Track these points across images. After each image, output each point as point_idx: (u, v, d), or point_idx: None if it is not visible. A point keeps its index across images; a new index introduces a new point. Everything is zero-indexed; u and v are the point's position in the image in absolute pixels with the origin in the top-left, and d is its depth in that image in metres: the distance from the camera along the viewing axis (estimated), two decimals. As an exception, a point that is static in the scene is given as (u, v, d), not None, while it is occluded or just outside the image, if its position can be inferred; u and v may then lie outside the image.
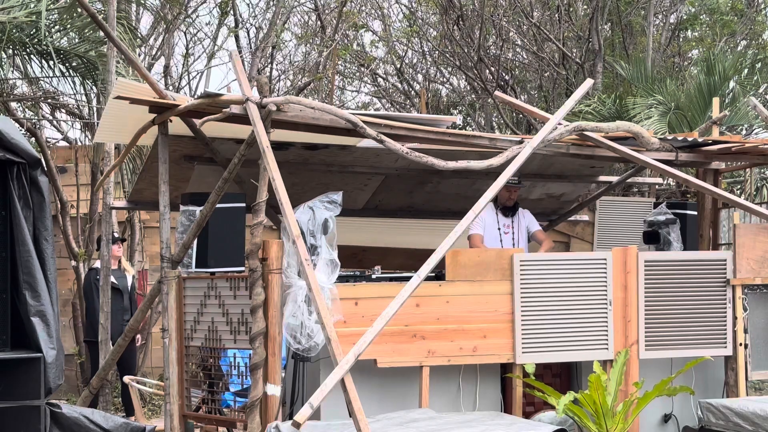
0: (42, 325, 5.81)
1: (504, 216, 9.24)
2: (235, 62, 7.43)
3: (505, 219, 9.25)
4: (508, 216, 9.27)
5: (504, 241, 9.14)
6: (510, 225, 9.26)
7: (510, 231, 9.23)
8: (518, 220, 9.32)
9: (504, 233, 9.20)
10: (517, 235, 9.24)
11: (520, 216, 9.35)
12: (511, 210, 9.28)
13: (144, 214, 12.95)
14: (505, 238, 9.17)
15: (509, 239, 9.18)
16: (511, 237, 9.20)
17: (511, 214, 9.28)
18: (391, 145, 7.30)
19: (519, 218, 9.34)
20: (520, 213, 9.37)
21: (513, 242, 9.18)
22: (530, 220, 9.46)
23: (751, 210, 8.53)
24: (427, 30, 20.64)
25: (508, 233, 9.21)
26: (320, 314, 6.25)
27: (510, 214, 9.28)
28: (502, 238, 9.15)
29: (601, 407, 7.04)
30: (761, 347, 8.34)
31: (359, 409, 5.94)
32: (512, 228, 9.25)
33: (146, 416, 10.86)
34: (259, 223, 6.82)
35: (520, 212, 9.39)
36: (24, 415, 5.69)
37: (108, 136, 9.75)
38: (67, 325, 12.32)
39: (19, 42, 10.71)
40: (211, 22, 17.91)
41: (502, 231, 9.20)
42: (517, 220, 9.31)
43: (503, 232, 9.20)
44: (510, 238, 9.19)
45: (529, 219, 9.45)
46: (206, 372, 7.44)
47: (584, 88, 8.48)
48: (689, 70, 17.76)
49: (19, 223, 5.81)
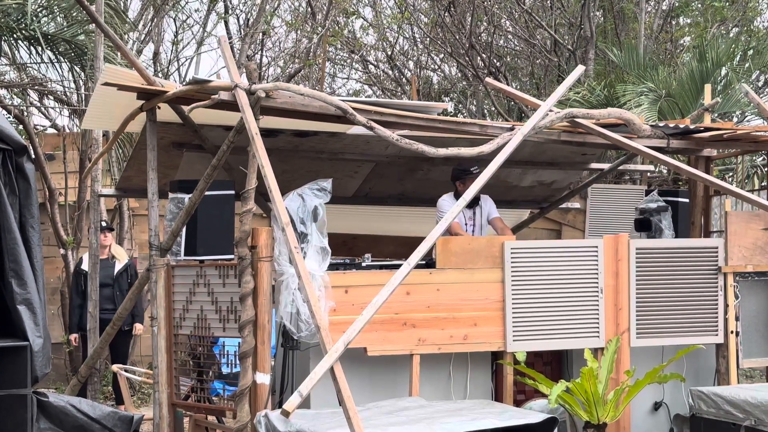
0: (28, 313, 5.79)
1: (467, 208, 8.98)
2: (224, 48, 7.40)
3: (468, 211, 9.07)
4: (470, 207, 9.03)
5: (467, 233, 9.04)
6: (472, 217, 9.14)
7: (472, 223, 9.14)
8: (480, 210, 9.15)
9: (468, 225, 9.12)
10: (479, 227, 9.14)
11: (482, 204, 9.14)
12: (473, 201, 8.83)
13: (133, 201, 12.89)
14: (467, 230, 9.10)
15: (470, 231, 9.10)
16: (472, 229, 9.12)
17: (473, 205, 9.03)
18: (381, 132, 7.27)
19: (481, 208, 9.15)
20: (481, 201, 9.14)
21: (474, 234, 9.05)
22: (490, 206, 9.22)
23: (743, 197, 8.51)
24: (418, 17, 20.57)
25: (470, 225, 9.13)
26: (309, 302, 6.23)
27: (473, 205, 9.02)
28: (466, 231, 9.08)
29: (592, 396, 7.04)
30: (752, 335, 8.34)
31: (349, 397, 5.92)
32: (473, 219, 9.15)
33: (135, 405, 10.82)
34: (249, 211, 6.79)
35: (482, 200, 9.15)
36: (10, 404, 5.67)
37: (96, 123, 9.70)
38: (55, 314, 12.27)
39: (6, 27, 10.64)
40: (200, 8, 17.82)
41: (467, 224, 9.12)
42: (479, 210, 9.12)
43: (468, 225, 9.12)
44: (471, 230, 9.11)
45: (489, 206, 9.22)
46: (195, 360, 7.41)
47: (575, 74, 8.45)
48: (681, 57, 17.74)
49: (5, 210, 5.78)
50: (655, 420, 8.22)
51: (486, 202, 9.24)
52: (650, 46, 17.27)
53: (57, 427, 6.03)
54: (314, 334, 6.48)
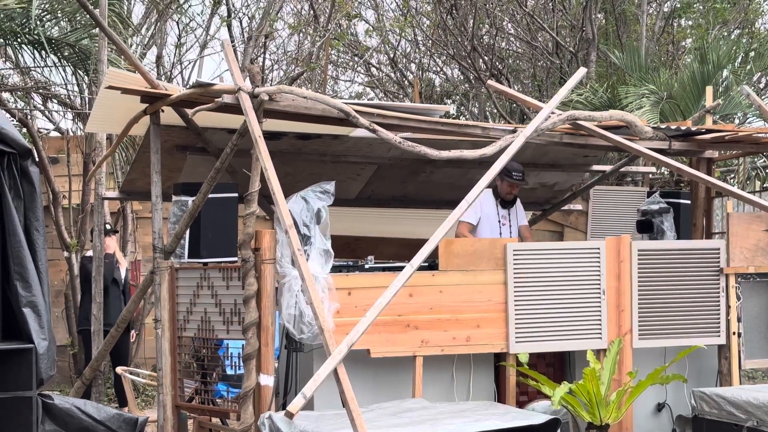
0: (33, 315, 5.81)
1: (503, 207, 9.22)
2: (227, 52, 7.42)
3: (503, 210, 9.24)
4: (506, 207, 9.26)
5: (502, 232, 9.15)
6: (507, 216, 9.27)
7: (507, 223, 9.25)
8: (515, 211, 9.33)
9: (502, 225, 9.21)
10: (514, 228, 9.27)
11: (517, 208, 9.36)
12: (510, 202, 9.27)
13: (136, 204, 12.92)
14: (503, 229, 9.19)
15: (507, 231, 9.20)
16: (508, 228, 9.22)
17: (509, 206, 9.28)
18: (383, 134, 7.29)
19: (516, 210, 9.34)
20: (517, 204, 9.38)
21: (510, 234, 9.18)
22: (521, 213, 9.48)
23: (745, 199, 8.52)
24: (420, 20, 20.60)
25: (505, 225, 9.23)
26: (313, 304, 6.25)
27: (508, 206, 9.28)
28: (501, 230, 9.17)
29: (595, 397, 7.05)
30: (754, 336, 8.36)
31: (352, 398, 5.93)
32: (509, 220, 9.26)
33: (139, 407, 10.86)
34: (252, 213, 6.80)
35: (518, 204, 9.40)
36: (16, 406, 5.69)
37: (99, 126, 9.73)
38: (59, 316, 12.30)
39: (10, 32, 10.68)
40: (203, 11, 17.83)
41: (501, 222, 9.21)
42: (514, 212, 9.32)
43: (502, 223, 9.22)
44: (507, 230, 9.21)
45: (521, 212, 9.47)
46: (199, 362, 7.43)
47: (577, 76, 8.47)
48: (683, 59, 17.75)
49: (10, 213, 5.81)
50: (658, 421, 8.23)
51: (519, 207, 9.39)
52: (652, 48, 17.29)
53: (62, 429, 6.05)
54: (317, 335, 6.50)
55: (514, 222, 9.29)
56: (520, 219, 9.40)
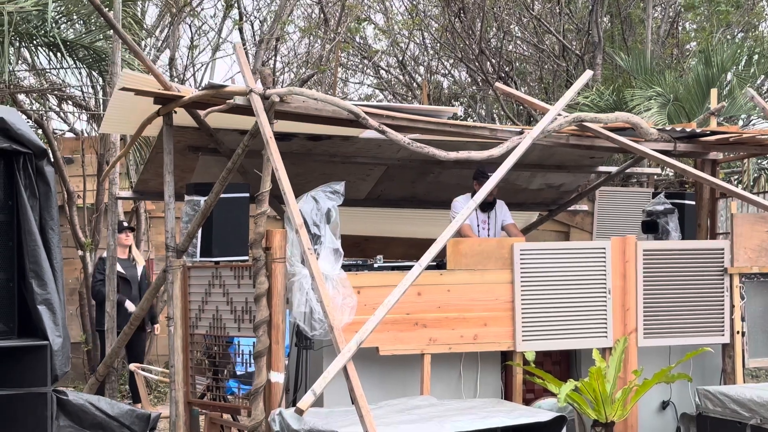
0: (48, 313, 5.84)
1: (482, 212, 9.20)
2: (239, 54, 7.49)
3: (483, 215, 9.24)
4: (485, 211, 9.24)
5: (481, 236, 9.16)
6: (486, 221, 9.27)
7: (486, 227, 9.25)
8: (495, 214, 9.31)
9: (482, 228, 9.23)
10: (493, 230, 9.26)
11: (497, 209, 9.34)
12: (489, 205, 9.21)
13: (150, 204, 13.03)
14: (482, 233, 9.20)
15: (485, 234, 9.20)
16: (486, 233, 9.22)
17: (488, 209, 9.26)
18: (392, 135, 7.34)
19: (496, 212, 9.32)
20: (497, 206, 9.35)
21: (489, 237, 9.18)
22: (505, 212, 9.42)
23: (749, 200, 8.60)
24: (428, 23, 20.67)
25: (485, 228, 9.23)
26: (323, 303, 6.33)
27: (487, 209, 9.26)
28: (480, 234, 9.18)
29: (601, 395, 7.11)
30: (758, 335, 8.41)
31: (361, 396, 5.98)
32: (488, 223, 9.27)
33: (152, 403, 10.96)
34: (263, 213, 6.87)
35: (498, 205, 9.37)
36: (31, 402, 5.73)
37: (113, 127, 9.80)
38: (74, 314, 12.41)
39: (26, 34, 10.77)
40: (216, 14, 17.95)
41: (480, 227, 9.24)
42: (494, 214, 9.28)
43: (481, 227, 9.24)
44: (486, 234, 9.21)
45: (504, 211, 9.42)
46: (211, 360, 7.51)
47: (583, 79, 8.53)
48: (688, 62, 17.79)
49: (26, 212, 5.85)
50: (663, 419, 8.29)
51: (501, 207, 9.36)
52: (657, 50, 17.34)
53: (76, 424, 6.08)
54: (327, 332, 6.57)
55: (495, 224, 9.28)
56: (505, 219, 9.36)
